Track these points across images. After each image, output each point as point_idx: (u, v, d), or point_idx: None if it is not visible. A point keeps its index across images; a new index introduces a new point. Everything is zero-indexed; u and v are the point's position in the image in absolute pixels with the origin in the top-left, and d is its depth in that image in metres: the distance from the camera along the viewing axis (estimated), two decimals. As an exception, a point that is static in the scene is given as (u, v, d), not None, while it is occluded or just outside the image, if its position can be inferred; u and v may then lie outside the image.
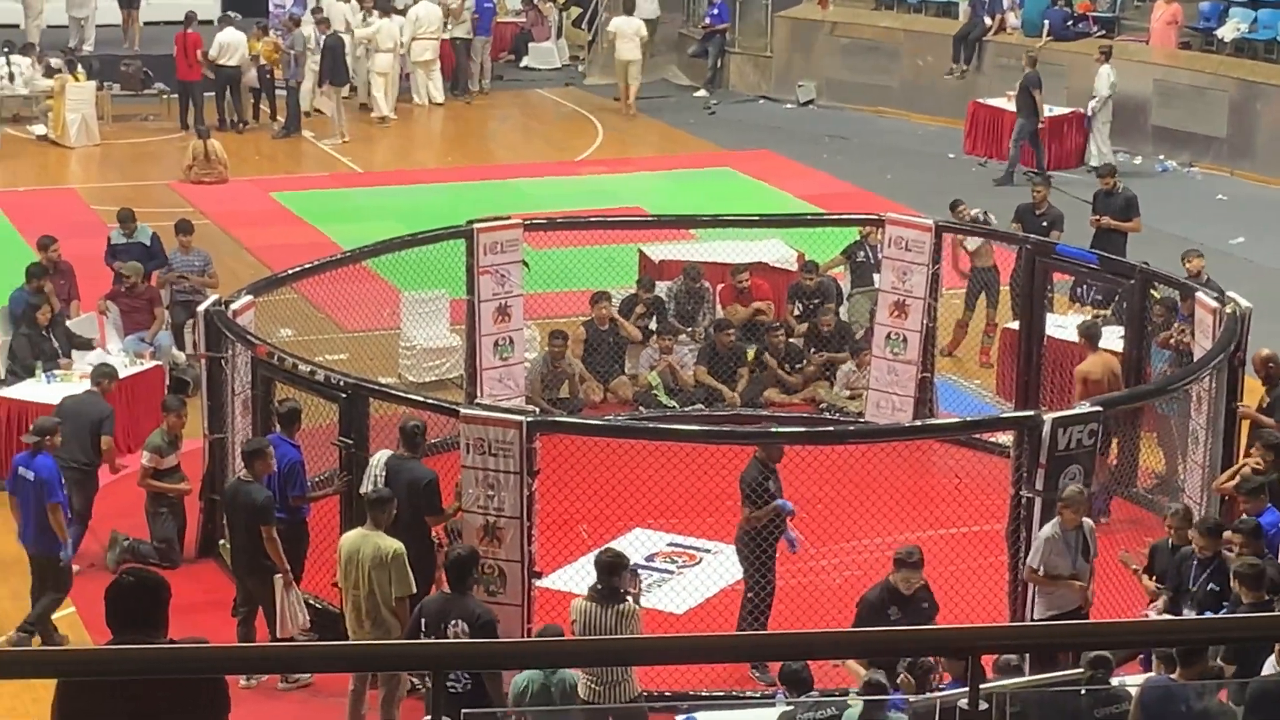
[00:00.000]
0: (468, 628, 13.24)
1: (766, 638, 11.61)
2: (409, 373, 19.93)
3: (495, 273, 18.97)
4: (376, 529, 13.98)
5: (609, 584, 13.73)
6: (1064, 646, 11.39)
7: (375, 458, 14.95)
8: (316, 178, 28.76)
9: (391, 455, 14.96)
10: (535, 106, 33.74)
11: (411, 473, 14.79)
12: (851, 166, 29.24)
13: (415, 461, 14.94)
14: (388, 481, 14.73)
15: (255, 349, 15.98)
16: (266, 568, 14.72)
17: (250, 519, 14.71)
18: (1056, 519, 14.35)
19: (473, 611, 13.32)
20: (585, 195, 26.62)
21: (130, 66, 32.06)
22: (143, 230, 20.83)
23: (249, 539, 14.78)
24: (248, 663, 6.38)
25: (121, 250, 20.55)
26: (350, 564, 13.94)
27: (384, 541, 13.92)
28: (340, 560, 14.05)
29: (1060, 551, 14.32)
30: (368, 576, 13.85)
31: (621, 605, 13.68)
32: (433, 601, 13.54)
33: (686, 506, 16.69)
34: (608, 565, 13.81)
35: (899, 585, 13.97)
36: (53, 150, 29.77)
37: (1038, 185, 22.00)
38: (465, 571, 13.40)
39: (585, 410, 19.32)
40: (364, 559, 13.87)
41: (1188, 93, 29.27)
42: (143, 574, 7.91)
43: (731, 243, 21.08)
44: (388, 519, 14.05)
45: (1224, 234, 25.36)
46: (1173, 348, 17.74)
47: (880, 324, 19.20)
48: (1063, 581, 14.36)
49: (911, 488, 17.32)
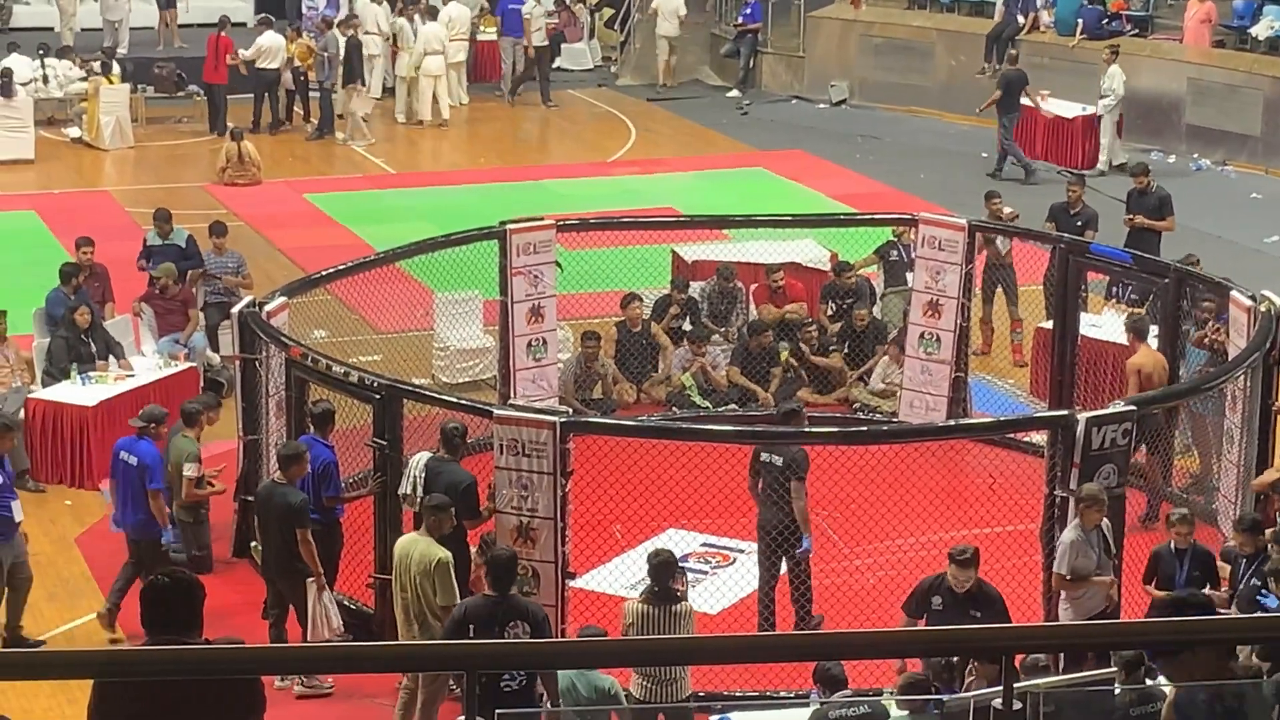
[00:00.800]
0: (529, 628, 13.15)
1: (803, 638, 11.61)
2: (442, 374, 19.97)
3: (528, 273, 19.00)
4: (429, 535, 13.98)
5: (665, 585, 13.68)
6: (1096, 646, 11.38)
7: (415, 459, 14.96)
8: (349, 179, 28.84)
9: (431, 457, 14.97)
10: (567, 107, 33.78)
11: (451, 475, 14.79)
12: (884, 166, 29.22)
13: (455, 464, 14.94)
14: (427, 483, 14.74)
15: (289, 350, 16.03)
16: (299, 570, 14.73)
17: (284, 521, 14.73)
18: (1076, 521, 14.28)
19: (529, 610, 13.25)
20: (618, 196, 26.65)
21: (164, 69, 32.19)
22: (178, 232, 20.91)
23: (282, 541, 14.79)
24: (284, 663, 6.40)
25: (157, 252, 20.63)
26: (401, 567, 13.96)
27: (432, 549, 13.91)
28: (394, 563, 14.09)
29: (1085, 553, 14.28)
30: (415, 582, 13.86)
31: (677, 606, 13.66)
32: (477, 605, 13.35)
33: (720, 507, 16.70)
34: (662, 567, 13.75)
35: (951, 582, 13.93)
36: (87, 153, 29.90)
37: (1072, 184, 21.95)
38: (509, 572, 13.39)
39: (618, 411, 19.34)
40: (412, 564, 13.87)
41: (1221, 91, 29.19)
42: (178, 574, 7.93)
43: (764, 243, 21.08)
44: (440, 526, 14.04)
45: (1258, 233, 25.30)
46: (1207, 347, 17.70)
47: (914, 323, 19.19)
48: (1091, 581, 14.31)
49: (945, 487, 17.32)
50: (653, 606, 13.63)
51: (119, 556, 16.54)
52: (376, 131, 31.23)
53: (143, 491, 15.62)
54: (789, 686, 14.36)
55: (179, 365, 19.11)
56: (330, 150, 30.34)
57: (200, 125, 31.26)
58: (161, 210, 21.23)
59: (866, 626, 14.65)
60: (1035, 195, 25.29)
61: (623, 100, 34.11)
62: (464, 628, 13.20)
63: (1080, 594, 14.33)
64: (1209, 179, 28.39)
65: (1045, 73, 30.00)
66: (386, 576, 14.80)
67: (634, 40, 36.07)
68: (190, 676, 6.42)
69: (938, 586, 14.00)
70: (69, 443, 18.19)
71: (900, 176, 28.45)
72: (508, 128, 32.43)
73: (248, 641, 13.60)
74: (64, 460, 18.21)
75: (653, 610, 13.61)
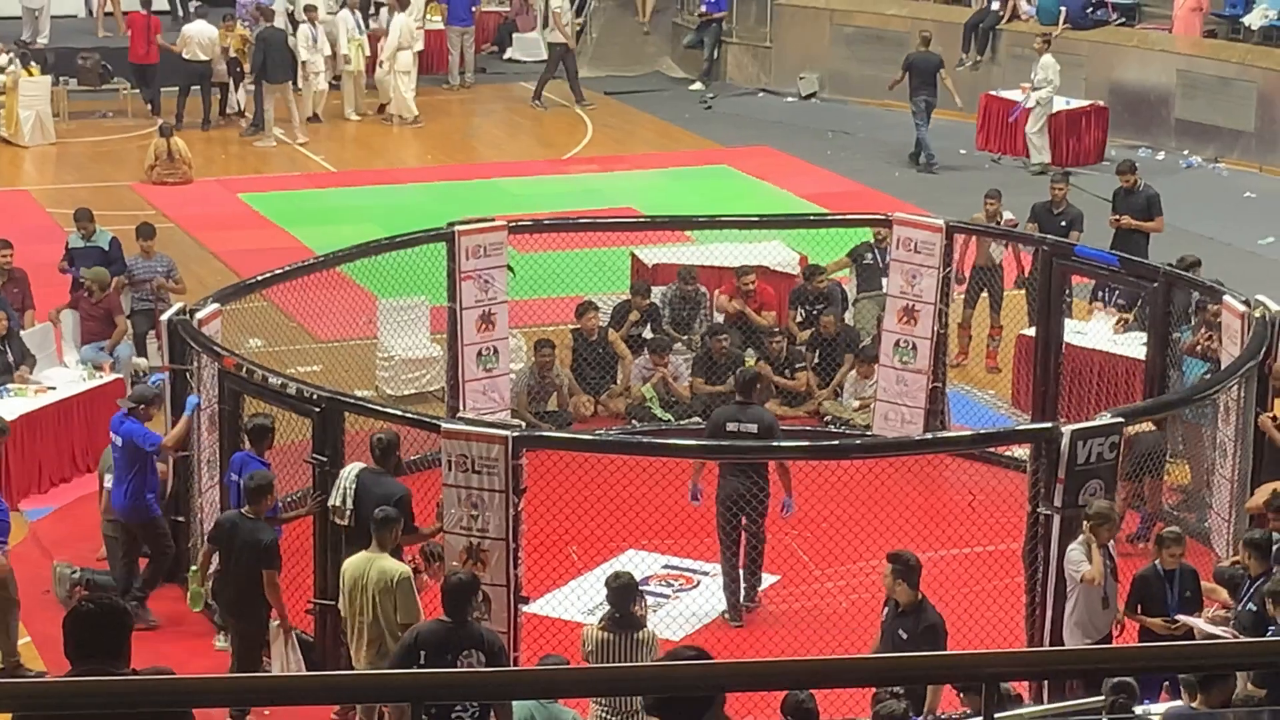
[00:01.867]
0: (485, 657, 13.11)
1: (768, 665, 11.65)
2: (387, 385, 19.94)
3: (478, 278, 18.99)
4: (382, 551, 13.97)
5: (625, 610, 13.67)
6: (1080, 673, 11.41)
7: (346, 470, 14.93)
8: (287, 178, 28.79)
9: (364, 469, 14.95)
10: (520, 100, 33.78)
11: (383, 488, 14.76)
12: (857, 163, 29.31)
13: (387, 476, 14.93)
14: (358, 496, 14.72)
15: (222, 360, 15.99)
16: (257, 613, 14.71)
17: (252, 560, 14.67)
18: (1083, 538, 14.28)
19: (484, 639, 13.22)
20: (574, 195, 26.67)
21: (88, 60, 32.08)
22: (101, 234, 20.84)
23: (247, 580, 14.71)
24: (219, 695, 6.39)
25: (79, 255, 20.56)
26: (355, 589, 13.91)
27: (389, 565, 13.91)
28: (344, 586, 14.01)
29: (1106, 576, 14.32)
30: (373, 602, 13.84)
31: (639, 633, 13.63)
32: (430, 630, 13.30)
33: (683, 527, 16.72)
34: (622, 590, 13.73)
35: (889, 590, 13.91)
36: (5, 149, 29.79)
37: (1056, 183, 22.03)
38: (466, 598, 13.33)
39: (575, 425, 19.34)
40: (370, 584, 13.85)
41: (1213, 84, 29.33)
42: (104, 601, 7.93)
43: (730, 245, 21.11)
44: (393, 540, 14.04)
45: (1252, 233, 25.43)
46: (1199, 355, 17.78)
47: (888, 331, 19.23)
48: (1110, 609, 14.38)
49: (922, 505, 17.35)
50: (612, 634, 13.61)
51: (39, 580, 16.48)
52: (317, 128, 31.14)
53: (133, 472, 15.91)
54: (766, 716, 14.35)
55: (104, 376, 19.05)
56: (266, 147, 30.27)
57: (127, 120, 31.17)
58: (83, 210, 21.15)
59: (839, 653, 14.66)
60: (1020, 195, 25.39)
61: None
62: (414, 654, 13.16)
63: (1088, 620, 14.28)
64: (1200, 177, 28.53)
65: (1026, 64, 30.10)
66: (327, 601, 14.77)
67: (591, 29, 36.08)
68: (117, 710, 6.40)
69: (892, 609, 14.01)
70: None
71: (874, 174, 28.53)
72: (457, 123, 32.42)
73: (178, 671, 13.58)
74: (-19, 477, 18.12)
75: (612, 638, 13.59)
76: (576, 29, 36.44)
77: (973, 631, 14.83)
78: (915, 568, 13.83)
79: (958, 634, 14.35)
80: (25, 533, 17.58)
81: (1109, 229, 21.68)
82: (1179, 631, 14.23)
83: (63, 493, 18.25)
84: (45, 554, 16.98)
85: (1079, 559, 14.28)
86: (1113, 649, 11.94)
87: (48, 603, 16.14)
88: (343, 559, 14.64)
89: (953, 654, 9.84)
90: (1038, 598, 14.73)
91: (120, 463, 16.04)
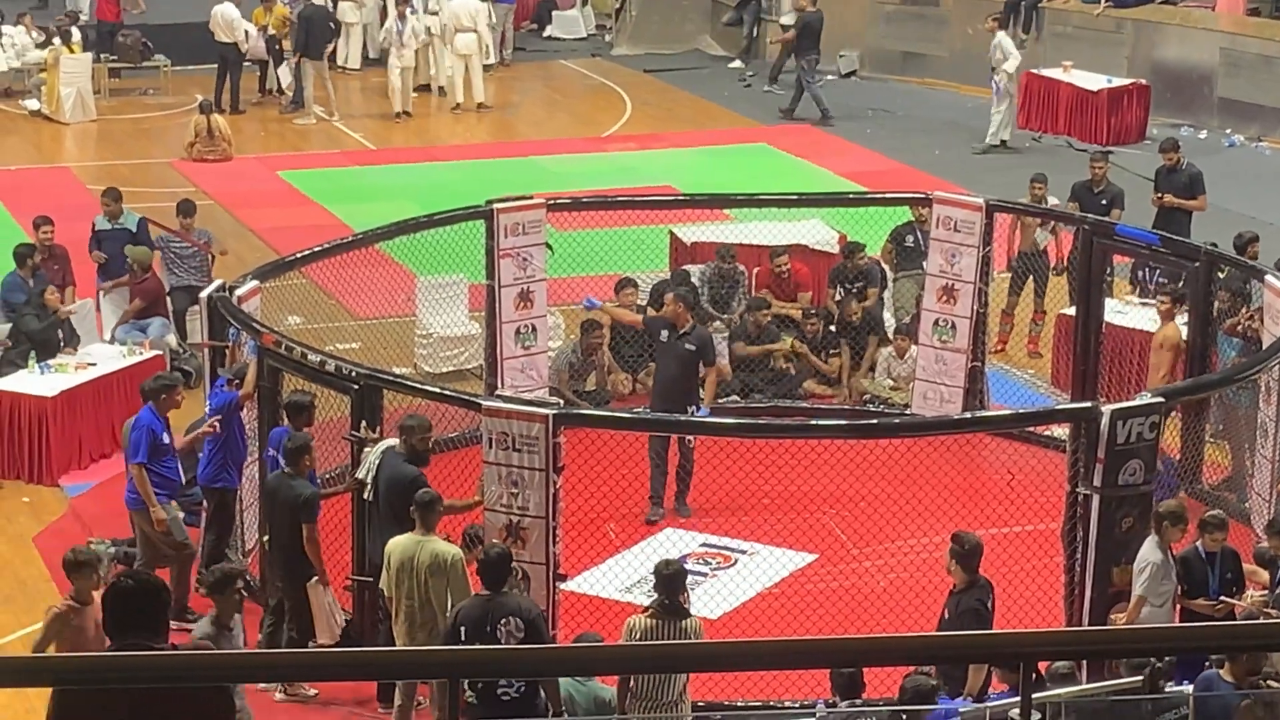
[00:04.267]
0: (521, 623, 13.21)
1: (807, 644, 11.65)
2: (425, 362, 19.97)
3: (517, 256, 19.00)
4: (430, 533, 13.99)
5: (673, 599, 13.58)
6: (1120, 653, 11.41)
7: (377, 447, 14.94)
8: (326, 155, 28.84)
9: (390, 447, 14.94)
10: (559, 79, 33.77)
11: (393, 469, 14.74)
12: (896, 142, 29.23)
13: (402, 459, 14.82)
14: (377, 472, 14.76)
15: (262, 338, 16.03)
16: (300, 569, 14.80)
17: (291, 515, 14.79)
18: (1155, 539, 14.20)
19: (521, 606, 13.33)
20: (613, 173, 26.65)
21: (128, 37, 32.16)
22: (129, 215, 20.79)
23: (290, 536, 14.85)
24: (258, 670, 6.41)
25: (106, 237, 20.54)
26: (404, 571, 13.91)
27: (441, 547, 13.93)
28: (390, 568, 14.01)
29: (1167, 576, 14.24)
30: (423, 584, 13.86)
31: (685, 622, 13.51)
32: (469, 606, 13.41)
33: (721, 505, 16.73)
34: (672, 579, 13.62)
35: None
36: (46, 126, 29.89)
37: (1096, 161, 21.95)
38: (504, 571, 13.42)
39: (612, 403, 19.35)
40: (420, 566, 13.87)
41: (1256, 62, 29.19)
42: (143, 577, 7.95)
43: (768, 223, 21.09)
44: (435, 522, 14.08)
45: (1296, 213, 25.31)
46: (1240, 335, 17.71)
47: (927, 310, 19.18)
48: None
49: (961, 484, 17.33)
50: (660, 622, 13.46)
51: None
52: (354, 105, 31.19)
53: (218, 444, 15.92)
54: (793, 695, 14.39)
55: (144, 354, 19.11)
56: (306, 125, 30.29)
57: (168, 98, 31.25)
58: (111, 189, 21.08)
59: (876, 631, 14.67)
60: (1061, 175, 25.29)
61: (618, 71, 34.09)
62: (456, 632, 13.27)
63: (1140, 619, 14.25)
64: (1242, 156, 28.40)
65: (1067, 42, 30.01)
66: (365, 578, 14.82)
67: (630, 7, 36.03)
68: (158, 684, 6.43)
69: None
70: (27, 436, 18.18)
71: (913, 153, 28.44)
72: (495, 101, 32.38)
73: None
74: (21, 454, 18.20)
75: (660, 626, 13.45)
76: (616, 7, 36.44)
77: (1011, 611, 14.80)
78: (970, 550, 13.86)
79: (996, 614, 14.33)
80: (65, 508, 17.67)
81: (1151, 208, 21.60)
82: (1222, 612, 14.19)
83: (102, 469, 18.31)
84: (85, 530, 17.05)
85: (1144, 574, 14.14)
86: (1152, 629, 11.89)
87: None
88: (366, 536, 14.70)
89: (991, 633, 9.83)
90: (1076, 578, 14.71)
91: (240, 442, 16.06)
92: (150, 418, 15.68)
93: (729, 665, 7.05)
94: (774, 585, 16.07)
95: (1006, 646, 6.89)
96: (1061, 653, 11.94)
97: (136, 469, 15.57)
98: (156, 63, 32.00)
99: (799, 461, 16.11)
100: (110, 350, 19.24)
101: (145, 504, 15.61)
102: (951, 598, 13.94)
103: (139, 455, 15.56)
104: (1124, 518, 14.57)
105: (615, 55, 35.26)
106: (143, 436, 15.57)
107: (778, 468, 16.40)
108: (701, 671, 12.92)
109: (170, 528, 15.70)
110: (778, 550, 16.54)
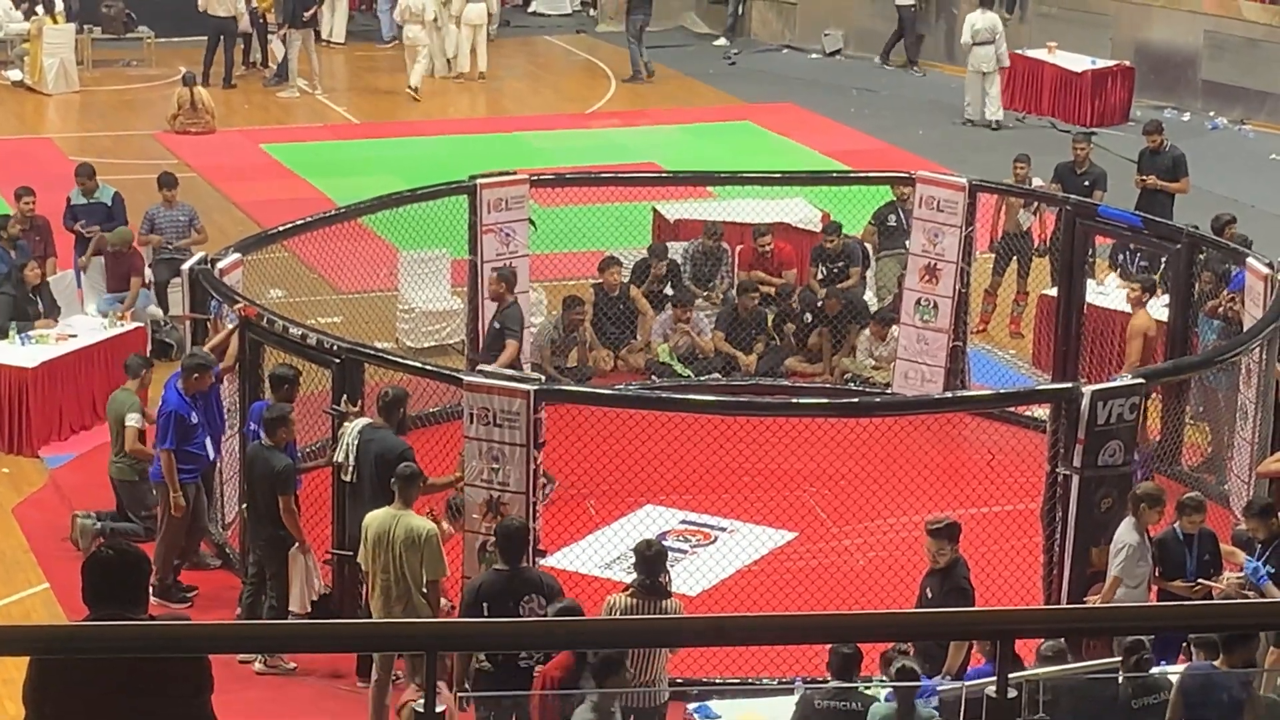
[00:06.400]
0: (545, 600, 13.29)
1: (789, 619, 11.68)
2: (407, 337, 19.97)
3: (500, 231, 19.00)
4: (406, 508, 13.99)
5: (654, 579, 13.60)
6: (1098, 631, 11.43)
7: (351, 425, 14.90)
8: (310, 129, 28.79)
9: (366, 424, 14.92)
10: (544, 55, 33.73)
11: (382, 443, 14.76)
12: (880, 121, 29.23)
13: (388, 431, 14.90)
14: (359, 451, 14.73)
15: (243, 311, 16.01)
16: (281, 539, 14.83)
17: (269, 486, 14.82)
18: (1133, 521, 14.22)
19: (541, 582, 13.45)
20: (597, 150, 26.64)
21: (112, 8, 32.06)
22: (104, 189, 20.75)
23: (267, 507, 14.88)
24: (237, 641, 6.42)
25: (82, 211, 20.50)
26: (379, 545, 13.92)
27: (415, 521, 13.94)
28: (367, 541, 14.02)
29: (1143, 558, 14.26)
30: (399, 558, 13.87)
31: (666, 603, 13.54)
32: (490, 580, 13.52)
33: (700, 482, 16.75)
34: (654, 559, 13.63)
35: (931, 556, 13.99)
36: (29, 97, 29.82)
37: (1079, 142, 21.97)
38: (518, 543, 13.51)
39: (594, 379, 19.36)
40: (395, 540, 13.87)
41: (1240, 45, 29.22)
42: (123, 547, 7.95)
43: (752, 201, 21.09)
44: (413, 497, 14.08)
45: (1278, 196, 25.33)
46: (1221, 317, 17.75)
47: (909, 289, 19.20)
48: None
49: (941, 464, 17.36)
50: (641, 601, 13.49)
51: (59, 527, 16.55)
52: (339, 79, 31.13)
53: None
54: (771, 673, 14.42)
55: (125, 325, 19.09)
56: (289, 98, 30.23)
57: (151, 70, 31.19)
58: (84, 165, 21.04)
59: (855, 609, 14.69)
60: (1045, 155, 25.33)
61: (603, 47, 34.05)
62: (478, 605, 13.33)
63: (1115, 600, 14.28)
64: (1226, 138, 28.43)
65: (1052, 23, 30.03)
66: (345, 552, 14.82)
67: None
68: (138, 654, 6.43)
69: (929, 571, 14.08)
70: (6, 406, 18.16)
71: (897, 132, 28.46)
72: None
73: (194, 618, 13.65)
74: (1, 425, 18.17)
75: (640, 605, 13.47)
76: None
77: (989, 590, 14.84)
78: (952, 527, 13.93)
79: (977, 593, 14.36)
80: (45, 480, 17.66)
81: (1133, 190, 21.63)
82: (1199, 594, 14.23)
83: (83, 440, 18.30)
84: (65, 501, 17.04)
85: (1121, 555, 14.15)
86: (1131, 608, 11.93)
87: (66, 550, 16.20)
88: (349, 514, 14.72)
89: (971, 610, 9.84)
90: (1055, 558, 14.75)
91: (218, 416, 16.08)
92: (178, 400, 15.61)
93: (726, 640, 7.06)
94: (753, 563, 16.10)
95: (984, 623, 6.91)
96: (1036, 630, 11.96)
97: (166, 455, 15.52)
98: (140, 34, 31.93)
99: (780, 439, 16.14)
100: (91, 321, 19.21)
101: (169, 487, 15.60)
102: (932, 576, 13.97)
103: (168, 441, 15.52)
104: (1103, 498, 14.62)
105: (600, 31, 35.21)
106: (170, 422, 15.52)
107: (759, 445, 16.41)
108: (697, 646, 12.93)
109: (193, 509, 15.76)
110: (758, 528, 16.58)
